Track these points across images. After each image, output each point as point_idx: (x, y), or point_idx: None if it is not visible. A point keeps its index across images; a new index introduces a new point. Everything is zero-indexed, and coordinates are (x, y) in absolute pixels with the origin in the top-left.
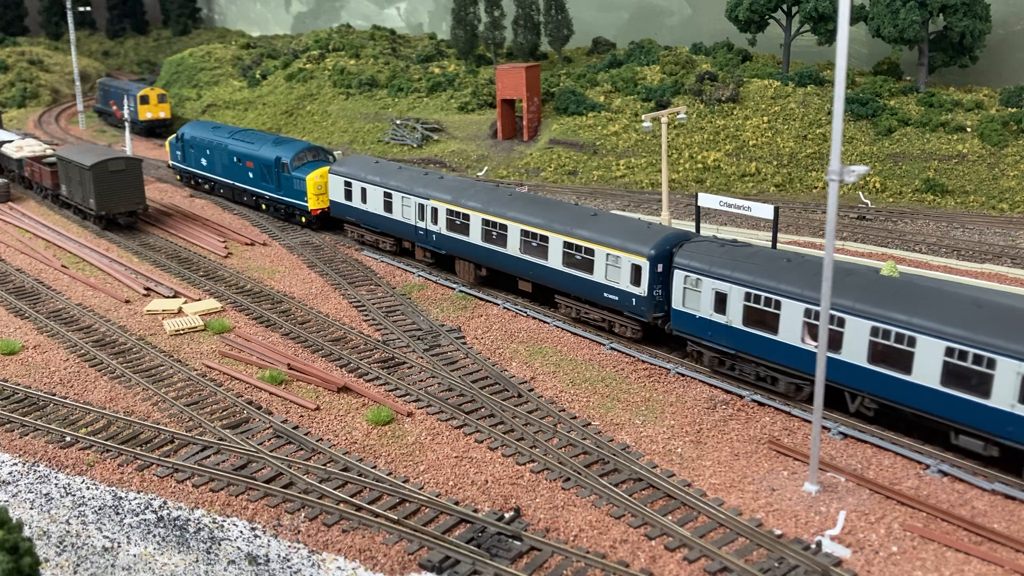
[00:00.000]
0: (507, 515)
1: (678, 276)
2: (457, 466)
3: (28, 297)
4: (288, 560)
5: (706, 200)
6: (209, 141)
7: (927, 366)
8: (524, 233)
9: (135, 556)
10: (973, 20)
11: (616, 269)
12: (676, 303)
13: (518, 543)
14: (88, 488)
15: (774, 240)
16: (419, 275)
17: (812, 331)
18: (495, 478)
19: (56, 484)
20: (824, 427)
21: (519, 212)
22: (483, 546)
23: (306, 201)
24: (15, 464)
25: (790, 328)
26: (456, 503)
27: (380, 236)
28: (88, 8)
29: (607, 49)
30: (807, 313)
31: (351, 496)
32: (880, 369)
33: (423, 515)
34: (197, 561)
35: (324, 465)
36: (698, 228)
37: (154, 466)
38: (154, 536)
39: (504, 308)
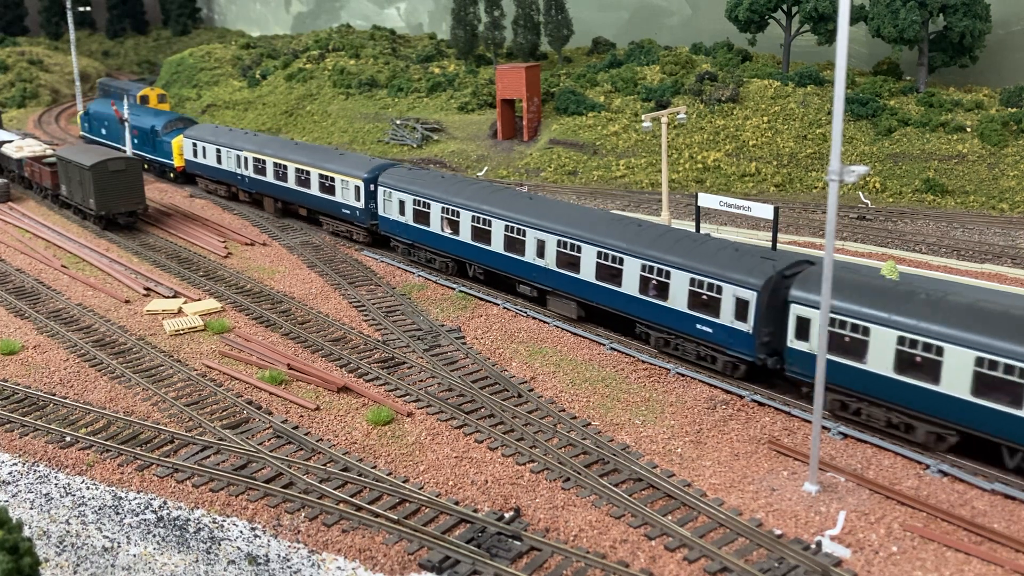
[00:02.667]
0: (507, 515)
1: (380, 192)
2: (457, 466)
3: (28, 297)
4: (288, 560)
5: (706, 200)
6: (107, 115)
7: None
8: (298, 171)
9: (135, 556)
10: (973, 20)
11: (347, 191)
12: (380, 211)
13: (518, 543)
14: (88, 488)
15: (774, 240)
16: (419, 275)
17: (450, 223)
18: (495, 478)
19: (56, 484)
20: (824, 427)
21: (295, 153)
22: (483, 546)
23: (172, 160)
24: (15, 464)
25: (437, 221)
26: (456, 503)
27: (216, 184)
28: (88, 8)
29: (607, 49)
30: (444, 210)
31: (351, 496)
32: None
33: (423, 515)
34: (197, 561)
35: (324, 465)
36: (698, 228)
37: (154, 466)
38: (154, 536)
39: (504, 308)
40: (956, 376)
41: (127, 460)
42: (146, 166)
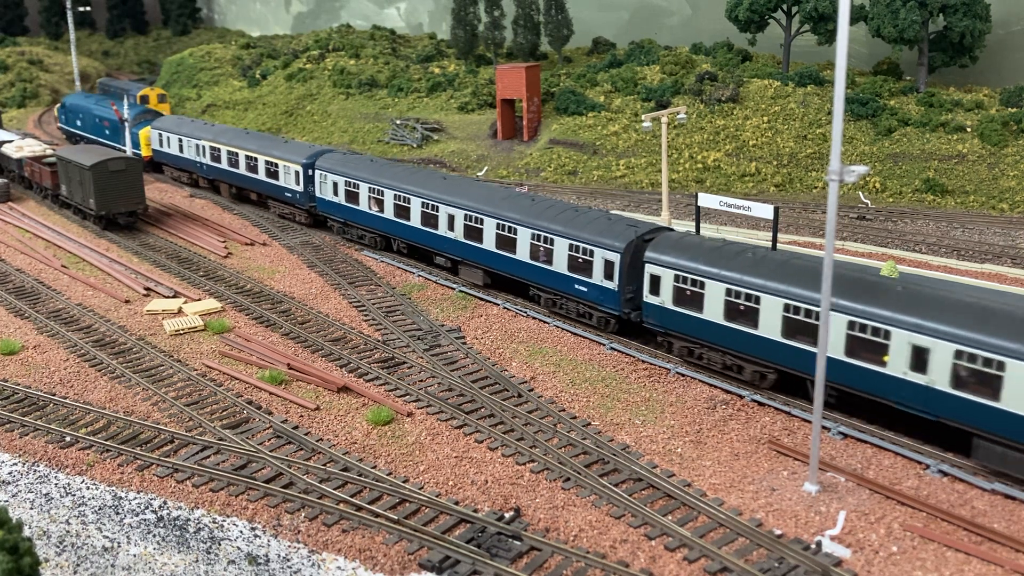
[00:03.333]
0: (507, 515)
1: (317, 175)
2: (457, 466)
3: (28, 297)
4: (288, 560)
5: (706, 200)
6: (82, 107)
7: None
8: (247, 158)
9: (135, 556)
10: (973, 20)
11: (289, 175)
12: (317, 193)
13: (518, 543)
14: (88, 488)
15: (774, 240)
16: (419, 275)
17: (376, 202)
18: (495, 478)
19: (56, 484)
20: (824, 427)
21: (245, 142)
22: (483, 546)
23: (140, 150)
24: (15, 464)
25: (365, 201)
26: (456, 503)
27: (179, 171)
28: (88, 8)
29: (607, 49)
30: (371, 191)
31: (351, 496)
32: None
33: (423, 515)
34: (197, 561)
35: (324, 465)
36: (698, 228)
37: (154, 466)
38: (154, 536)
39: (504, 308)
40: (770, 321)
41: (127, 460)
42: None
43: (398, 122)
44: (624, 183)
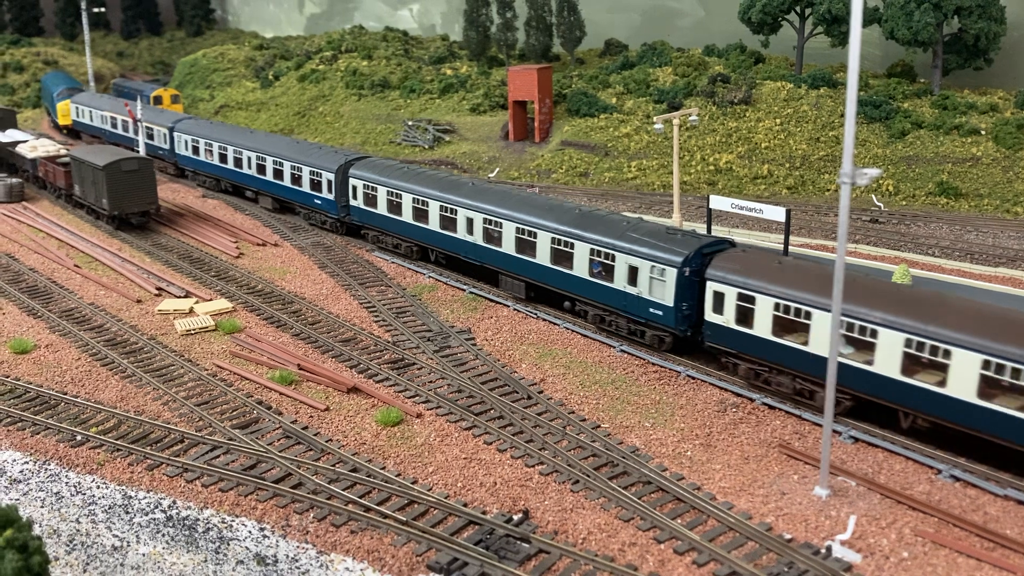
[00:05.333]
0: (516, 517)
1: (177, 137)
2: (466, 468)
3: (41, 296)
4: (296, 561)
5: (718, 202)
6: (49, 88)
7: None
8: (123, 122)
9: (144, 555)
10: (988, 22)
11: (159, 137)
12: (180, 150)
13: (527, 545)
14: (98, 487)
15: (786, 243)
16: (429, 276)
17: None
18: (504, 480)
19: (66, 483)
20: (835, 431)
21: (119, 107)
22: (491, 548)
23: (58, 119)
24: (26, 463)
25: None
26: (465, 505)
27: (92, 137)
28: (103, 9)
29: (619, 51)
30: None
31: (360, 497)
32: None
33: (432, 517)
34: (206, 561)
35: (333, 466)
36: (709, 230)
37: (164, 466)
38: (163, 536)
39: (514, 310)
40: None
41: (137, 459)
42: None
43: (410, 123)
44: (635, 185)
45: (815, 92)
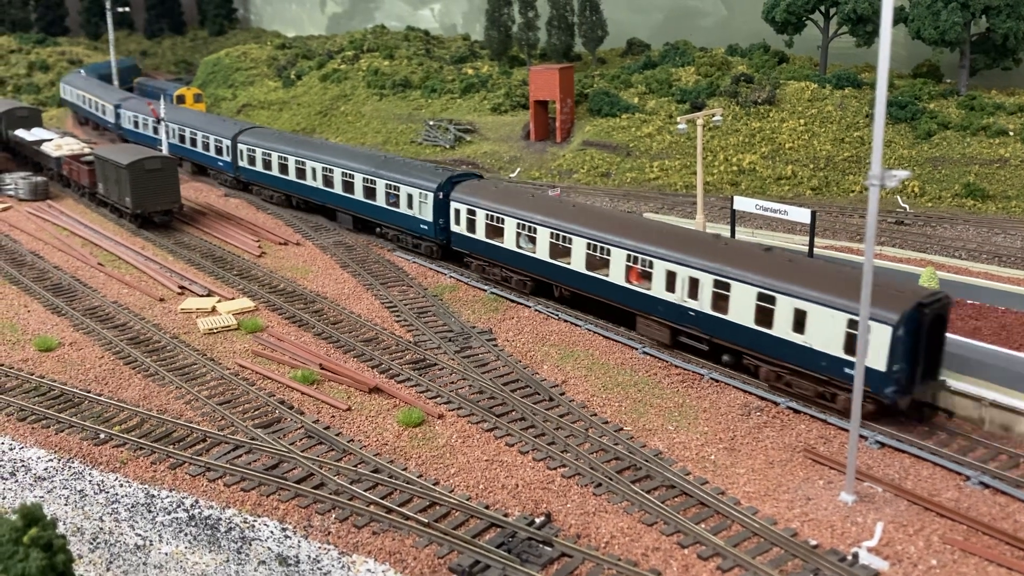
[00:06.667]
0: (538, 520)
1: (123, 113)
2: (488, 469)
3: (65, 294)
4: (318, 561)
5: (742, 203)
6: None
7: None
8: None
9: (167, 554)
10: (1017, 22)
11: (106, 112)
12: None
13: (549, 549)
14: (121, 486)
15: (811, 245)
16: (451, 276)
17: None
18: (526, 482)
19: (90, 481)
20: (861, 436)
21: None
22: (513, 551)
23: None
24: (51, 460)
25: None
26: (486, 507)
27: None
28: (127, 8)
29: (641, 50)
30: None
31: (382, 498)
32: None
33: (453, 518)
34: (228, 561)
35: (355, 466)
36: (733, 231)
37: (186, 464)
38: (185, 535)
39: (536, 311)
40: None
41: (160, 458)
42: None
43: (431, 123)
44: (658, 185)
45: (840, 92)
